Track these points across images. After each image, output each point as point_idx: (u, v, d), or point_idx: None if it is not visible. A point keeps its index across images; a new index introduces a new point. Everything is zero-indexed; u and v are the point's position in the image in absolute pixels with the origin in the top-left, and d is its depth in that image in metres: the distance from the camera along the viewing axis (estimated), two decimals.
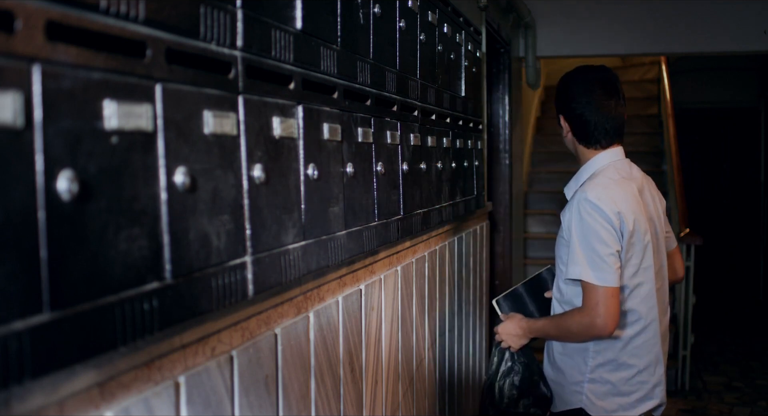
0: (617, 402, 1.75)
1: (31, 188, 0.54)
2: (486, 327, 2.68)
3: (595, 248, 1.62)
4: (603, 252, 1.61)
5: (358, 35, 1.24)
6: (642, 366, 1.74)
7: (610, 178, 1.71)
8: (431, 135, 1.74)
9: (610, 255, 1.61)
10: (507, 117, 3.88)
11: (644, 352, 1.73)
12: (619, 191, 1.67)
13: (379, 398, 1.39)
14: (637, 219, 1.67)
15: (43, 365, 0.55)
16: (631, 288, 1.69)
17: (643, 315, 1.72)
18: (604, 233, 1.62)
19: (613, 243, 1.63)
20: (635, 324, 1.72)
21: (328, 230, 1.09)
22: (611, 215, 1.63)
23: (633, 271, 1.68)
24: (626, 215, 1.64)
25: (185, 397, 0.75)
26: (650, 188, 1.82)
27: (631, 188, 1.70)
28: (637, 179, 1.77)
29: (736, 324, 6.54)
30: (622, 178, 1.72)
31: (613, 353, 1.73)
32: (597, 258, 1.62)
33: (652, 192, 1.81)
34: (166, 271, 0.70)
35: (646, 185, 1.80)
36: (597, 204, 1.63)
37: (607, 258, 1.61)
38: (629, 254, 1.66)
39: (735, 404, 4.53)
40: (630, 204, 1.66)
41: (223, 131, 0.80)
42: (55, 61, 0.57)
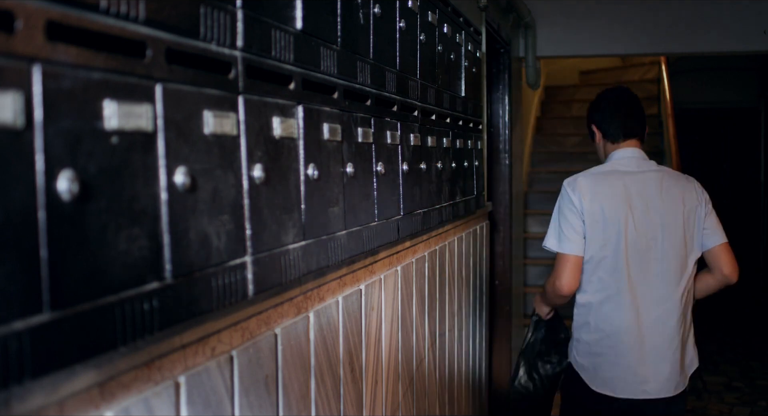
0: (592, 361, 2.06)
1: (31, 188, 0.54)
2: (486, 326, 2.68)
3: (560, 223, 2.03)
4: (565, 227, 2.01)
5: (358, 35, 1.24)
6: (609, 331, 2.02)
7: (600, 171, 2.08)
8: (431, 135, 1.74)
9: (570, 230, 2.01)
10: (507, 117, 3.88)
11: (611, 319, 2.02)
12: (594, 180, 2.03)
13: (379, 398, 1.39)
14: (604, 203, 1.99)
15: (43, 365, 0.55)
16: (597, 260, 2.01)
17: (608, 285, 2.01)
18: (567, 212, 2.02)
19: (574, 221, 2.01)
20: (602, 292, 2.03)
21: (328, 230, 1.09)
22: (573, 198, 2.01)
23: (599, 245, 2.00)
24: (589, 198, 2.00)
25: (185, 397, 0.75)
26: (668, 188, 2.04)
27: (614, 180, 2.03)
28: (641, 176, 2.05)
29: (736, 324, 6.54)
30: (614, 171, 2.06)
31: (588, 316, 2.07)
32: (561, 232, 2.02)
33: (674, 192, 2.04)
34: (167, 271, 0.70)
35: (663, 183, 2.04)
36: (566, 189, 2.05)
37: (568, 232, 2.01)
38: (593, 231, 1.99)
39: (735, 404, 4.53)
40: (600, 191, 2.00)
41: (223, 131, 0.80)
42: (55, 61, 0.57)
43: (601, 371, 2.03)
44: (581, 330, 2.10)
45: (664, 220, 2.00)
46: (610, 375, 2.02)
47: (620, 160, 2.08)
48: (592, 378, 2.05)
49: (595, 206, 1.99)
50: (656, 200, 2.01)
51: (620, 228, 1.99)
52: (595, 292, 2.04)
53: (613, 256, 2.00)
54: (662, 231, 2.00)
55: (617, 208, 1.99)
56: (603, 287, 2.02)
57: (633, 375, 1.99)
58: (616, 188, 2.01)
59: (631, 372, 1.99)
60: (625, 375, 2.00)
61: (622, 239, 1.99)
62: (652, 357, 1.99)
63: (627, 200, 2.00)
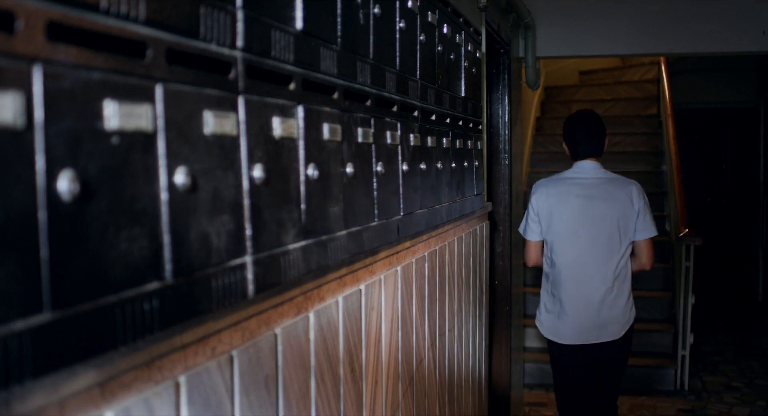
0: (547, 317, 2.85)
1: (31, 188, 0.54)
2: (486, 326, 2.68)
3: (526, 217, 2.88)
4: (529, 220, 2.86)
5: (358, 36, 1.24)
6: (557, 295, 2.79)
7: (559, 176, 2.85)
8: (431, 135, 1.74)
9: (532, 222, 2.84)
10: (507, 117, 3.88)
11: (560, 287, 2.77)
12: (548, 185, 2.83)
13: (379, 398, 1.39)
14: (551, 203, 2.77)
15: (44, 365, 0.55)
16: (550, 243, 2.80)
17: (557, 262, 2.77)
18: (529, 209, 2.85)
19: (533, 216, 2.83)
20: (554, 267, 2.79)
21: (328, 230, 1.09)
22: (532, 199, 2.84)
23: (547, 232, 2.80)
24: (542, 199, 2.79)
25: (186, 397, 0.75)
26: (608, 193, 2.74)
27: (563, 184, 2.79)
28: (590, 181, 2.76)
29: (736, 324, 6.54)
30: (566, 178, 2.81)
31: (548, 284, 2.85)
32: (526, 223, 2.88)
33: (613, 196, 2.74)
34: (167, 271, 0.70)
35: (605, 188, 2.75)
36: (531, 191, 2.87)
37: (530, 224, 2.85)
38: (544, 223, 2.80)
39: (734, 404, 4.53)
40: (551, 193, 2.79)
41: (223, 131, 0.80)
42: (55, 61, 0.57)
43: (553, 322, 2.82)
44: (544, 295, 2.89)
45: (602, 211, 2.71)
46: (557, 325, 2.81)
47: (577, 169, 2.82)
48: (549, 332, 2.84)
49: (544, 205, 2.79)
50: (596, 199, 2.73)
51: (563, 220, 2.76)
52: (551, 266, 2.82)
53: (558, 240, 2.77)
54: (598, 221, 2.72)
55: (562, 206, 2.76)
56: (554, 264, 2.79)
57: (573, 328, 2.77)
58: (562, 189, 2.78)
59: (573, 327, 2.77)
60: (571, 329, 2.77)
61: (566, 228, 2.75)
62: (589, 315, 2.74)
63: (570, 199, 2.75)
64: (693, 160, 8.95)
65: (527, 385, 4.82)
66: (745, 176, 8.61)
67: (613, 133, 5.77)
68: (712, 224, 8.53)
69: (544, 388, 4.79)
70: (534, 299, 5.40)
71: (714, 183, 9.21)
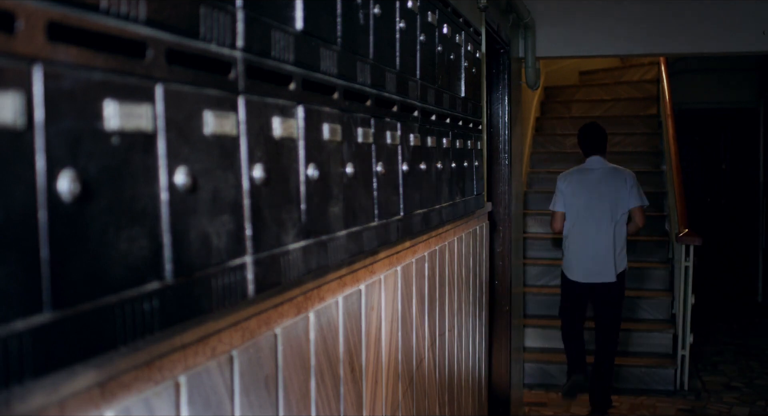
0: (565, 261, 4.19)
1: (32, 188, 0.54)
2: (486, 326, 2.69)
3: (555, 196, 4.16)
4: (557, 198, 4.14)
5: (358, 36, 1.24)
6: (572, 249, 4.12)
7: (576, 168, 4.20)
8: (431, 135, 1.74)
9: (559, 199, 4.12)
10: (506, 118, 3.88)
11: (573, 244, 4.10)
12: (570, 173, 4.17)
13: (379, 398, 1.39)
14: (572, 186, 4.10)
15: (44, 365, 0.55)
16: (569, 214, 4.11)
17: (573, 227, 4.09)
18: (557, 190, 4.15)
19: (559, 195, 4.13)
20: (571, 229, 4.11)
21: (328, 230, 1.09)
22: (559, 184, 4.16)
23: (569, 207, 4.10)
24: (565, 184, 4.12)
25: (186, 397, 0.75)
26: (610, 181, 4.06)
27: (581, 174, 4.13)
28: (598, 170, 4.10)
29: (735, 324, 6.54)
30: (584, 168, 4.15)
31: (567, 241, 4.16)
32: (555, 200, 4.16)
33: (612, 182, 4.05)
34: (167, 271, 0.70)
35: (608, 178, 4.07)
36: (558, 178, 4.20)
37: (557, 200, 4.14)
38: (567, 200, 4.11)
39: (734, 404, 4.53)
40: (572, 179, 4.13)
41: (223, 131, 0.80)
42: (55, 61, 0.57)
43: (570, 271, 4.14)
44: (565, 250, 4.20)
45: (604, 191, 4.03)
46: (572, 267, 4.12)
47: (588, 163, 4.15)
48: (568, 271, 4.16)
49: (567, 187, 4.12)
50: (602, 185, 4.05)
51: (579, 197, 4.07)
52: (568, 229, 4.13)
53: (572, 213, 4.10)
54: (597, 198, 4.03)
55: (578, 189, 4.09)
56: (571, 226, 4.11)
57: (581, 270, 4.08)
58: (579, 177, 4.13)
59: (581, 269, 4.08)
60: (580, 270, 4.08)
61: (580, 203, 4.07)
62: (594, 262, 4.03)
63: (583, 182, 4.09)
64: (693, 160, 8.95)
65: (527, 385, 4.82)
66: (744, 176, 8.60)
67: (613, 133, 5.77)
68: (712, 224, 8.53)
69: (544, 388, 4.79)
70: (534, 299, 5.40)
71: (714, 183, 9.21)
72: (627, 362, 4.80)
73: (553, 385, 4.82)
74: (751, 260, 7.85)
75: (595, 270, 4.01)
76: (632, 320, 5.22)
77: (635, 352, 4.97)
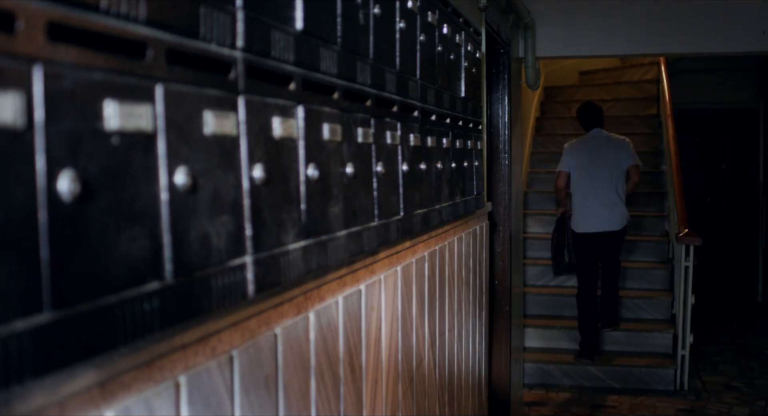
0: (575, 217, 4.79)
1: (32, 188, 0.54)
2: (486, 326, 2.69)
3: (561, 160, 4.89)
4: (563, 161, 4.86)
5: (358, 36, 1.24)
6: (580, 204, 4.76)
7: (581, 138, 4.94)
8: (431, 135, 1.74)
9: (564, 162, 4.84)
10: (506, 118, 3.88)
11: (580, 202, 4.76)
12: (575, 143, 4.91)
13: (379, 398, 1.40)
14: (579, 151, 4.82)
15: (44, 365, 0.55)
16: (574, 175, 4.81)
17: (579, 185, 4.77)
18: (564, 155, 4.88)
19: (565, 159, 4.85)
20: (577, 188, 4.79)
21: (328, 230, 1.09)
22: (566, 150, 4.89)
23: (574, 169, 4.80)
24: (570, 150, 4.86)
25: (186, 397, 0.75)
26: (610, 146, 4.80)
27: (585, 142, 4.87)
28: (600, 138, 4.84)
29: (735, 324, 6.53)
30: (585, 138, 4.88)
31: (574, 199, 4.81)
32: (561, 163, 4.87)
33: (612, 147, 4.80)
34: (167, 271, 0.70)
35: (608, 144, 4.82)
36: (565, 146, 4.95)
37: (563, 163, 4.85)
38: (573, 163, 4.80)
39: (734, 404, 4.53)
40: (577, 147, 4.86)
41: (223, 131, 0.80)
42: (56, 61, 0.57)
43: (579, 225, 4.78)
44: (573, 207, 4.83)
45: (606, 153, 4.74)
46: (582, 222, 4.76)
47: (590, 133, 4.88)
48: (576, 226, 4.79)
49: (572, 152, 4.83)
50: (603, 149, 4.77)
51: (584, 160, 4.76)
52: (574, 189, 4.81)
53: (579, 173, 4.78)
54: (601, 161, 4.73)
55: (582, 153, 4.80)
56: (577, 186, 4.79)
57: (590, 222, 4.74)
58: (583, 144, 4.86)
59: (590, 221, 4.74)
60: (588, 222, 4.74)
61: (584, 166, 4.76)
62: (601, 213, 4.71)
63: (587, 149, 4.79)
64: (693, 160, 8.95)
65: (527, 385, 4.82)
66: (744, 176, 8.60)
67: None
68: (712, 224, 8.53)
69: (544, 388, 4.79)
70: (534, 299, 5.40)
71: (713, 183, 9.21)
72: (627, 362, 4.80)
73: (553, 385, 4.82)
74: (751, 260, 7.85)
75: (604, 220, 4.69)
76: (632, 320, 5.22)
77: (635, 352, 4.97)
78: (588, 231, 4.73)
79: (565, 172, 4.83)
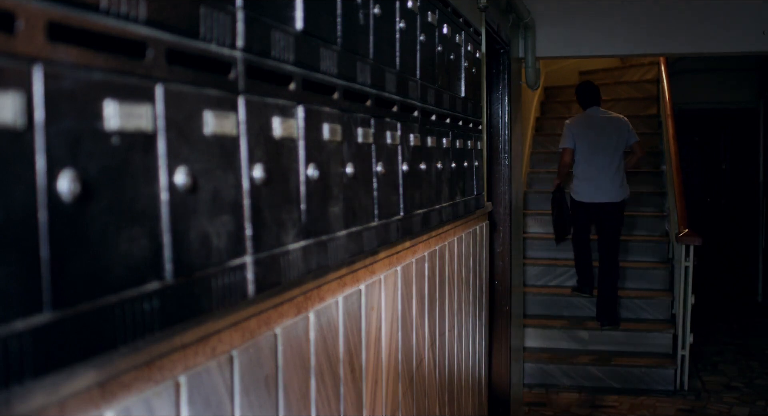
0: (576, 191, 5.02)
1: (32, 188, 0.54)
2: (486, 326, 2.69)
3: (564, 136, 5.06)
4: (565, 138, 5.04)
5: (358, 36, 1.24)
6: (583, 177, 4.97)
7: (581, 115, 5.11)
8: (431, 135, 1.74)
9: (567, 139, 5.01)
10: (506, 118, 3.88)
11: (582, 174, 4.98)
12: (577, 119, 5.09)
13: (379, 398, 1.40)
14: (581, 127, 5.01)
15: (44, 365, 0.55)
16: (578, 151, 4.99)
17: (580, 160, 4.98)
18: (566, 131, 5.05)
19: (568, 135, 5.02)
20: (579, 162, 4.99)
21: (328, 230, 1.09)
22: (567, 125, 5.07)
23: (577, 145, 4.98)
24: (572, 126, 5.02)
25: (186, 397, 0.75)
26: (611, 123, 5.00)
27: (586, 118, 5.05)
28: (599, 115, 5.04)
29: (735, 324, 6.53)
30: (585, 115, 5.08)
31: (576, 171, 5.01)
32: (565, 140, 5.04)
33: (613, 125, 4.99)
34: (167, 271, 0.70)
35: (609, 121, 5.01)
36: (566, 123, 5.11)
37: (566, 140, 5.02)
38: (576, 139, 4.98)
39: (734, 404, 4.53)
40: (578, 123, 5.04)
41: (223, 131, 0.80)
42: (56, 61, 0.57)
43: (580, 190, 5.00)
44: (574, 179, 5.03)
45: (608, 129, 4.96)
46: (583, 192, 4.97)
47: (589, 112, 5.07)
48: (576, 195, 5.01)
49: (577, 128, 5.00)
50: (602, 126, 4.97)
51: (584, 138, 4.95)
52: (577, 163, 5.00)
53: (581, 149, 4.97)
54: (605, 137, 4.93)
55: (584, 130, 4.97)
56: (579, 160, 4.98)
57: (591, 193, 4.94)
58: (584, 121, 5.03)
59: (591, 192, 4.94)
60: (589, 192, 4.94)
61: (585, 142, 4.95)
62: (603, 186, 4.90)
63: (588, 126, 4.99)
64: (693, 160, 8.95)
65: (527, 385, 4.82)
66: (744, 176, 8.60)
67: None
68: (712, 224, 8.53)
69: (544, 388, 4.79)
70: (534, 299, 5.40)
71: (713, 183, 9.21)
72: (627, 362, 4.80)
73: (553, 385, 4.82)
74: (751, 260, 7.84)
75: (605, 192, 4.89)
76: (632, 320, 5.21)
77: (635, 352, 4.97)
78: (588, 201, 4.92)
79: (570, 148, 4.98)
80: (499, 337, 3.77)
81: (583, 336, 5.06)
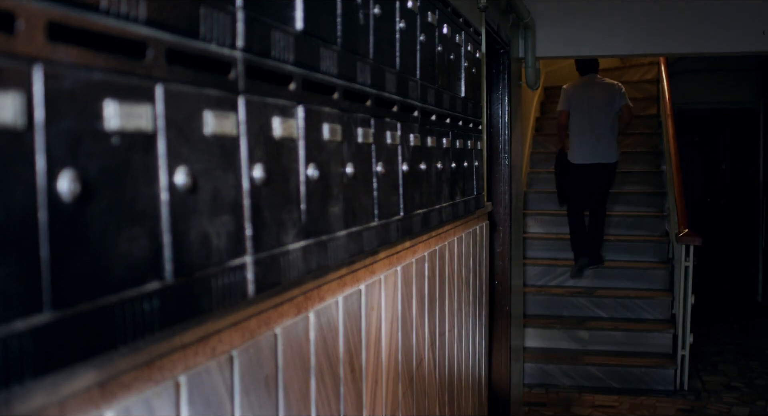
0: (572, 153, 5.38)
1: (32, 188, 0.54)
2: (486, 326, 2.69)
3: (562, 101, 5.45)
4: (563, 101, 5.43)
5: (358, 36, 1.24)
6: (578, 138, 5.35)
7: (576, 81, 5.50)
8: (431, 135, 1.74)
9: (564, 101, 5.40)
10: (506, 118, 3.88)
11: (576, 132, 5.34)
12: (572, 85, 5.47)
13: (379, 398, 1.40)
14: (577, 91, 5.39)
15: (44, 365, 0.55)
16: (573, 113, 5.36)
17: (576, 123, 5.34)
18: (563, 95, 5.44)
19: (565, 97, 5.42)
20: (574, 123, 5.36)
21: (328, 230, 1.09)
22: (564, 91, 5.46)
23: (573, 108, 5.37)
24: (568, 91, 5.43)
25: (186, 397, 0.75)
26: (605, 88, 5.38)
27: (582, 83, 5.43)
28: (595, 81, 5.41)
29: (735, 324, 6.53)
30: (582, 80, 5.45)
31: (570, 132, 5.40)
32: (562, 102, 5.44)
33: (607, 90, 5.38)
34: (167, 271, 0.70)
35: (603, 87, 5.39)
36: (563, 87, 5.52)
37: (563, 102, 5.41)
38: (571, 103, 5.37)
39: (734, 404, 4.53)
40: (575, 87, 5.42)
41: (223, 131, 0.80)
42: (56, 61, 0.57)
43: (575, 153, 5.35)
44: (570, 140, 5.39)
45: (601, 94, 5.29)
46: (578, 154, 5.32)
47: (585, 78, 5.41)
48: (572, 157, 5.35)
49: (573, 92, 5.35)
50: (597, 91, 5.32)
51: (580, 101, 5.30)
52: (572, 125, 5.35)
53: (577, 112, 5.31)
54: (598, 100, 5.27)
55: (579, 94, 5.33)
56: (575, 123, 5.33)
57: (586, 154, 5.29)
58: (580, 86, 5.38)
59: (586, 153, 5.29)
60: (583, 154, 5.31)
61: (581, 105, 5.29)
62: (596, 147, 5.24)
63: (584, 91, 5.34)
64: (693, 160, 8.95)
65: (527, 385, 4.82)
66: (744, 176, 8.60)
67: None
68: (712, 224, 8.53)
69: (544, 388, 4.79)
70: (534, 299, 5.40)
71: (713, 183, 9.21)
72: (627, 362, 4.80)
73: (553, 385, 4.82)
74: (751, 260, 7.84)
75: (599, 153, 5.25)
76: (632, 320, 5.21)
77: (635, 352, 4.97)
78: (584, 163, 5.28)
79: (566, 111, 5.37)
80: (499, 337, 3.77)
81: (583, 336, 5.06)
